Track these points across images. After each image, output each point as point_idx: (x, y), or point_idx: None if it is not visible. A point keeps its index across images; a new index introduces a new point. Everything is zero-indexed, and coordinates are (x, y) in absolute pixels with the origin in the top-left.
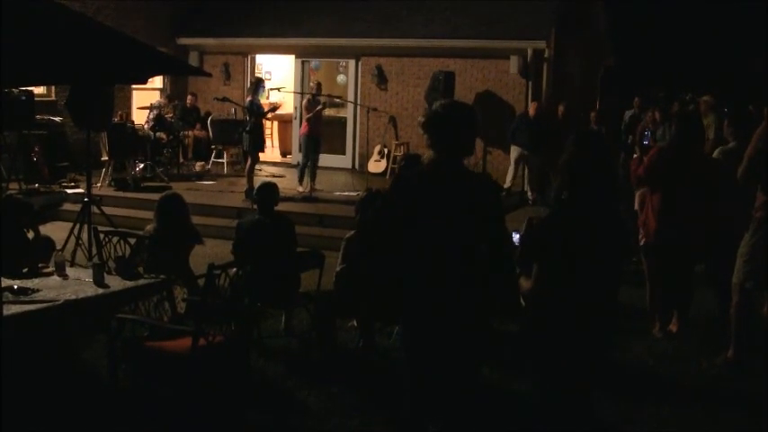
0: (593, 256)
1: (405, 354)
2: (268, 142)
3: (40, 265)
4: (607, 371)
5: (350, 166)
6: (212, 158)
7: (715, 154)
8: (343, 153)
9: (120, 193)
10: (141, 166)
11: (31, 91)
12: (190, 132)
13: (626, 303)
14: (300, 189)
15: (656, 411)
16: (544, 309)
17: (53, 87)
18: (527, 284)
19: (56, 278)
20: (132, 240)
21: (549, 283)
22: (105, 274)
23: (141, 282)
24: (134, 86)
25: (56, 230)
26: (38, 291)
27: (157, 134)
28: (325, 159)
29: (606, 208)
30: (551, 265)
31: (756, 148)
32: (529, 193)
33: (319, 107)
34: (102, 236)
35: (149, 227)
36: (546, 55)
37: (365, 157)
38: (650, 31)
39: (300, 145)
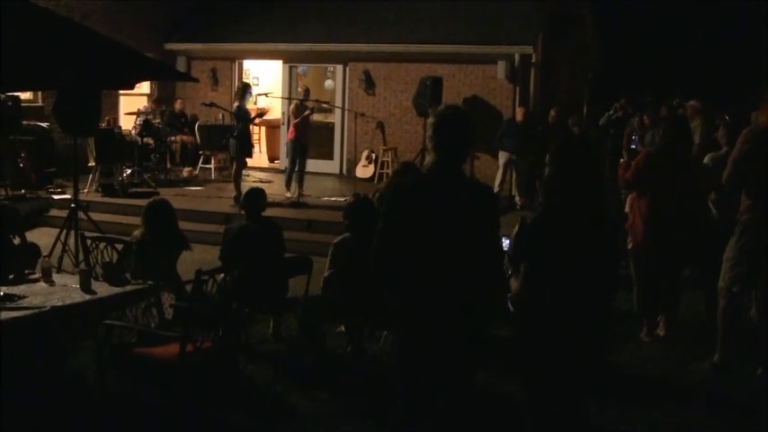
0: (580, 258)
1: (397, 359)
2: (256, 148)
3: (26, 272)
4: (603, 375)
5: (338, 172)
6: (200, 164)
7: (706, 160)
8: (331, 158)
9: (108, 199)
10: (128, 171)
11: (18, 96)
12: (177, 138)
13: (613, 307)
14: (288, 194)
15: (644, 414)
16: (530, 311)
17: (40, 93)
18: (516, 286)
19: (42, 284)
20: (119, 246)
21: (536, 285)
22: (92, 281)
23: (129, 288)
24: (121, 92)
25: (42, 236)
26: (24, 297)
27: (145, 139)
28: (313, 165)
29: (594, 211)
30: (538, 267)
31: (741, 152)
32: (517, 198)
33: (307, 112)
34: (89, 242)
35: (136, 232)
36: (533, 60)
37: (353, 163)
38: (638, 36)
39: (287, 150)
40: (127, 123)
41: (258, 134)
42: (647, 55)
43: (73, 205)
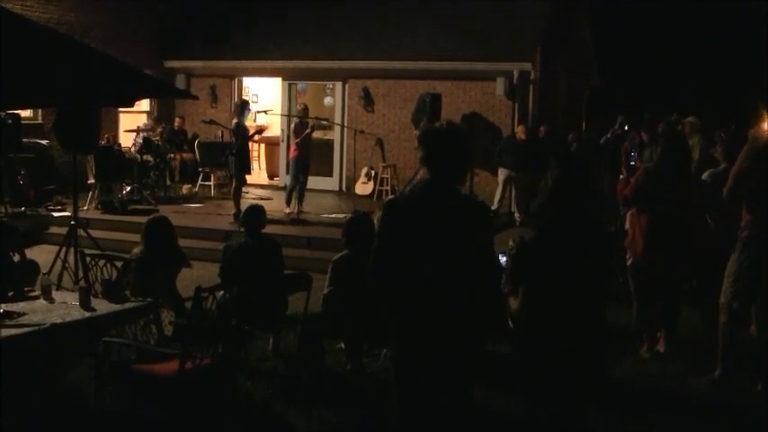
0: (577, 276)
1: (394, 375)
2: (255, 165)
3: (25, 289)
4: (601, 391)
5: (337, 189)
6: (199, 181)
7: (705, 176)
8: (331, 175)
9: (107, 216)
10: (128, 188)
11: (18, 114)
12: (177, 155)
13: (613, 323)
14: (288, 211)
15: (644, 430)
16: (530, 329)
17: (39, 110)
18: (515, 304)
19: (42, 302)
20: (119, 263)
21: (535, 304)
22: (92, 298)
23: (128, 305)
24: (121, 109)
25: (42, 254)
26: (24, 314)
27: (144, 157)
28: (313, 182)
29: (589, 228)
30: (536, 286)
31: (742, 167)
32: (516, 215)
33: (308, 131)
34: (88, 259)
35: (136, 250)
36: (532, 76)
37: (352, 180)
38: (636, 52)
39: (289, 168)
40: (126, 140)
41: (257, 151)
42: (646, 70)
43: (72, 222)
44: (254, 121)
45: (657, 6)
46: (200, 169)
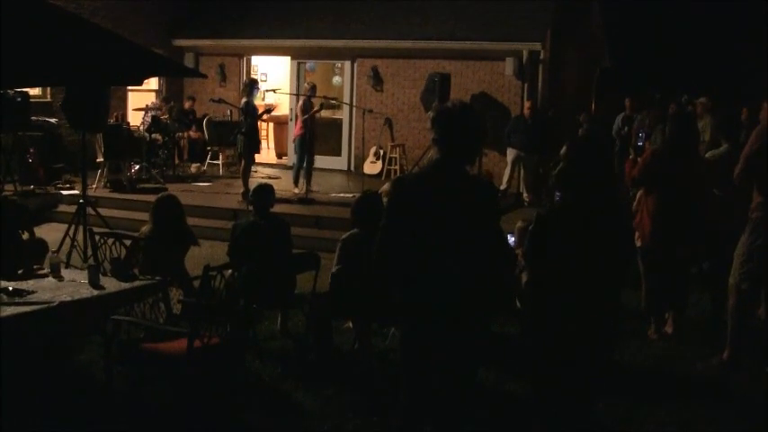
0: (589, 256)
1: (402, 354)
2: (264, 144)
3: (34, 267)
4: (609, 374)
5: (345, 168)
6: (208, 160)
7: (707, 156)
8: (339, 155)
9: (116, 195)
10: (137, 167)
11: (27, 92)
12: (185, 134)
13: (621, 304)
14: (296, 191)
15: (653, 412)
16: (539, 310)
17: (48, 89)
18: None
19: (51, 280)
20: (128, 242)
21: (544, 284)
22: (101, 276)
23: (137, 283)
24: (129, 88)
25: (51, 232)
26: (33, 292)
27: (153, 135)
28: (321, 161)
29: (605, 208)
30: (546, 265)
31: (753, 149)
32: (525, 195)
33: (315, 109)
34: (97, 237)
35: (145, 228)
36: (541, 57)
37: (361, 159)
38: (646, 33)
39: (295, 147)
40: (135, 119)
41: (266, 130)
42: (657, 51)
43: (81, 201)
44: (263, 99)
45: None
46: (208, 148)
